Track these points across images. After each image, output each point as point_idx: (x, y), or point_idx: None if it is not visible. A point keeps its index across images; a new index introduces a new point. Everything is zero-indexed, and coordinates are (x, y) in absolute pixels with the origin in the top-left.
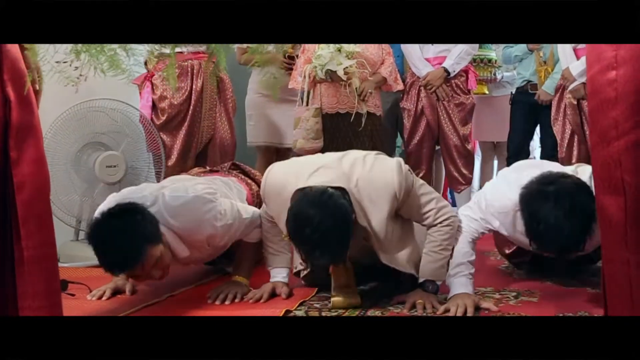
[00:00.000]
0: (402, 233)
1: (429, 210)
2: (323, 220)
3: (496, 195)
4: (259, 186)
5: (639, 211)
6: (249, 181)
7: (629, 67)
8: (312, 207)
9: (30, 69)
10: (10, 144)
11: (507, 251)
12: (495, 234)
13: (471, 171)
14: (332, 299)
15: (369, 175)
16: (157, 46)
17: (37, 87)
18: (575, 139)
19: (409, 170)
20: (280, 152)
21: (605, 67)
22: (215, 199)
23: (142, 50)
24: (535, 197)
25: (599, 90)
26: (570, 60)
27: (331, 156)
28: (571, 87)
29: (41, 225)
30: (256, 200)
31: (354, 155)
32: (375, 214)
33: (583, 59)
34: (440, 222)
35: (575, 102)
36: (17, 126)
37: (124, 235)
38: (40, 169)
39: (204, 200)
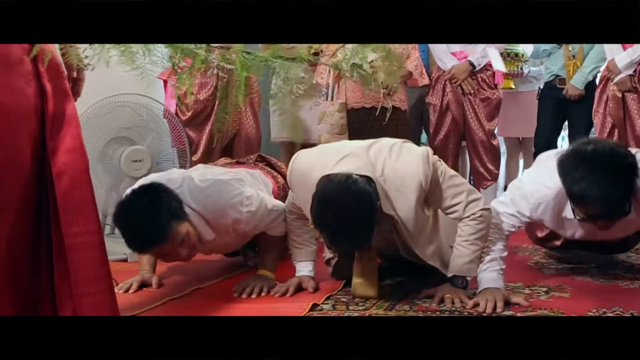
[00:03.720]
0: (430, 227)
1: (458, 203)
2: (347, 204)
3: (535, 185)
4: (284, 179)
5: None
6: (275, 174)
7: None
8: (336, 192)
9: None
10: (48, 134)
11: (539, 234)
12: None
13: (497, 167)
14: (352, 285)
15: (395, 165)
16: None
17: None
18: (616, 133)
19: (439, 160)
20: (303, 148)
21: None
22: (242, 186)
23: (160, 49)
24: (574, 158)
25: None
26: (616, 51)
27: (358, 144)
28: (617, 79)
29: (82, 214)
30: (282, 192)
31: (381, 144)
32: (402, 204)
33: (630, 50)
34: (468, 217)
35: (620, 95)
36: (53, 116)
37: (150, 212)
38: (79, 157)
39: (231, 185)
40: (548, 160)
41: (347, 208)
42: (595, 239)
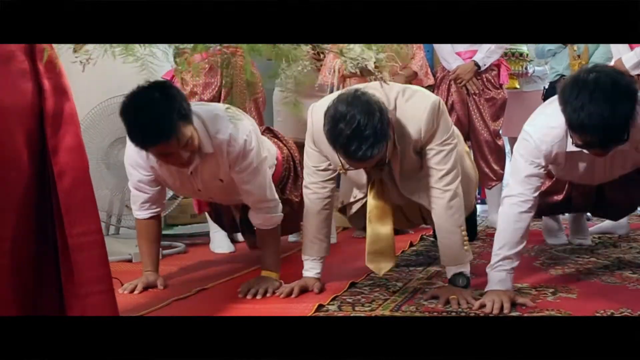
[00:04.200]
0: (422, 175)
1: (440, 170)
2: (357, 112)
3: (543, 129)
4: (290, 152)
5: None
6: (281, 145)
7: None
8: (347, 103)
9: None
10: (47, 132)
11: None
12: None
13: (502, 167)
14: (367, 255)
15: (405, 105)
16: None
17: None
18: None
19: (449, 120)
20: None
21: None
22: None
23: (162, 46)
24: (574, 85)
25: None
26: (622, 51)
27: (375, 83)
28: None
29: (84, 214)
30: (286, 164)
31: (397, 84)
32: (402, 142)
33: (637, 49)
34: (440, 188)
35: None
36: (53, 115)
37: (159, 108)
38: (79, 156)
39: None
40: (545, 107)
41: (358, 115)
42: (594, 182)
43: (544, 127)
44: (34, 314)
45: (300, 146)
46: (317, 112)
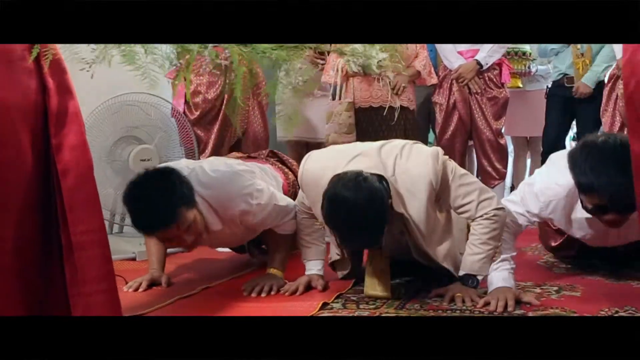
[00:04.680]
0: (442, 227)
1: (470, 202)
2: (357, 201)
3: (547, 183)
4: (295, 176)
5: None
6: (286, 170)
7: None
8: (347, 189)
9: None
10: (51, 130)
11: (553, 244)
12: (541, 226)
13: (505, 166)
14: (365, 284)
15: (406, 165)
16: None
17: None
18: (625, 131)
19: (449, 159)
20: (310, 147)
21: None
22: (253, 178)
23: (161, 51)
24: (584, 150)
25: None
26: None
27: (370, 145)
28: None
29: (88, 211)
30: (292, 189)
31: (392, 144)
32: (414, 203)
33: None
34: (481, 216)
35: None
36: (56, 113)
37: (160, 195)
38: (83, 154)
39: (241, 176)
40: (560, 160)
41: (358, 204)
42: (607, 244)
43: (551, 181)
44: (40, 313)
45: (303, 145)
46: (311, 162)
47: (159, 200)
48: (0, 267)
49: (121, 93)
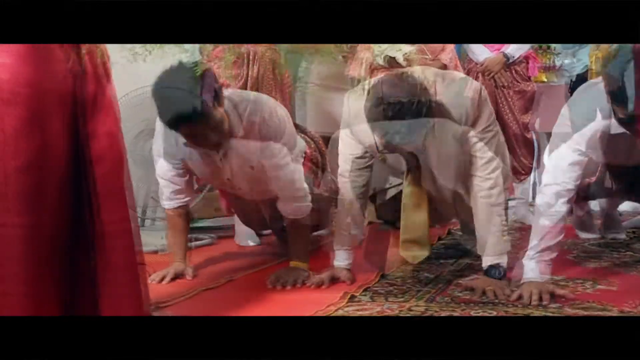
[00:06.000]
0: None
1: (482, 157)
2: (402, 96)
3: (583, 116)
4: (317, 147)
5: None
6: (308, 139)
7: None
8: (392, 84)
9: None
10: (88, 115)
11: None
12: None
13: (531, 161)
14: (400, 243)
15: (446, 90)
16: None
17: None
18: None
19: (490, 107)
20: None
21: None
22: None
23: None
24: (615, 65)
25: None
26: None
27: (415, 68)
28: None
29: (120, 200)
30: (314, 159)
31: (435, 70)
32: (441, 128)
33: None
34: (481, 176)
35: None
36: (93, 98)
37: (190, 86)
38: (117, 142)
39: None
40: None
41: (404, 95)
42: (628, 163)
43: (588, 111)
44: (71, 307)
45: (326, 140)
46: (353, 98)
47: (189, 92)
48: (39, 256)
49: (143, 86)
